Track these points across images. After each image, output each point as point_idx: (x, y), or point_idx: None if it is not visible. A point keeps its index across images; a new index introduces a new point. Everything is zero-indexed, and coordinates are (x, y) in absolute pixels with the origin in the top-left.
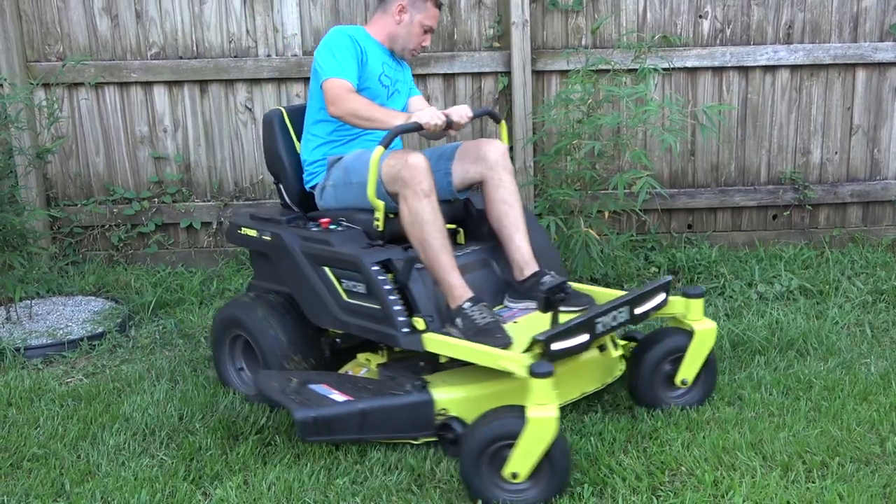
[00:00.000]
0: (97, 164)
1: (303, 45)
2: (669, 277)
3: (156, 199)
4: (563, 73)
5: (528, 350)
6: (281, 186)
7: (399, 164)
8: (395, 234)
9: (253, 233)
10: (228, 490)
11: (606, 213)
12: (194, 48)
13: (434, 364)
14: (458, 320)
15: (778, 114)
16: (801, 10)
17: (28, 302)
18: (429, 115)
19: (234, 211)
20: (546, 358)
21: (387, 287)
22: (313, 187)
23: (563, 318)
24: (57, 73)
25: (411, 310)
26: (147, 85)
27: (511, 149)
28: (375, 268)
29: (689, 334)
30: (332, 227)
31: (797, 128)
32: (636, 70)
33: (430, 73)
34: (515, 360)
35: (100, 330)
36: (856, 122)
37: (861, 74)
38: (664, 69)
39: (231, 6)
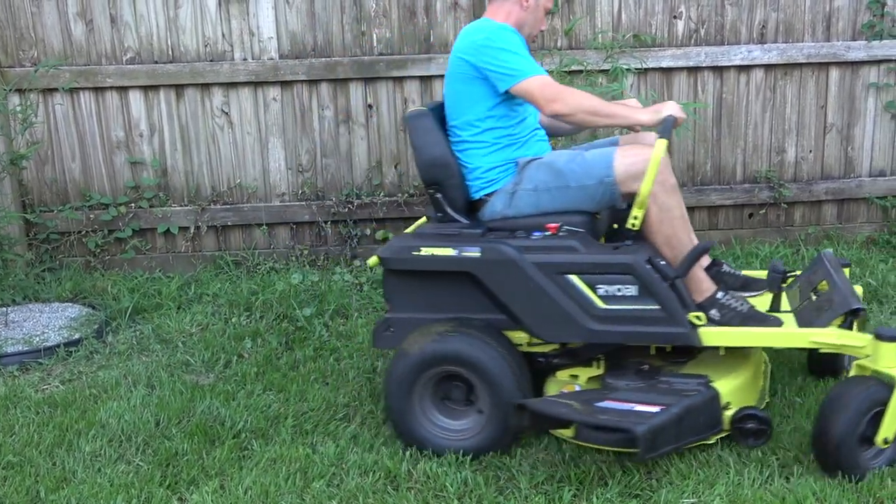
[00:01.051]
0: (73, 170)
1: (279, 48)
2: (829, 250)
3: (132, 205)
4: None
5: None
6: (440, 196)
7: (641, 159)
8: (601, 234)
9: (447, 252)
10: (205, 495)
11: None
12: (170, 52)
13: (652, 364)
14: (714, 311)
15: (752, 113)
16: (775, 10)
17: (4, 309)
18: (677, 108)
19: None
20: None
21: (664, 285)
22: (489, 194)
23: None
24: (30, 79)
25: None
26: (122, 90)
27: None
28: (648, 267)
29: None
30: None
31: (772, 126)
32: (609, 70)
33: (407, 75)
34: (846, 335)
35: (76, 336)
36: (830, 121)
37: (834, 73)
38: (637, 69)
39: (206, 10)
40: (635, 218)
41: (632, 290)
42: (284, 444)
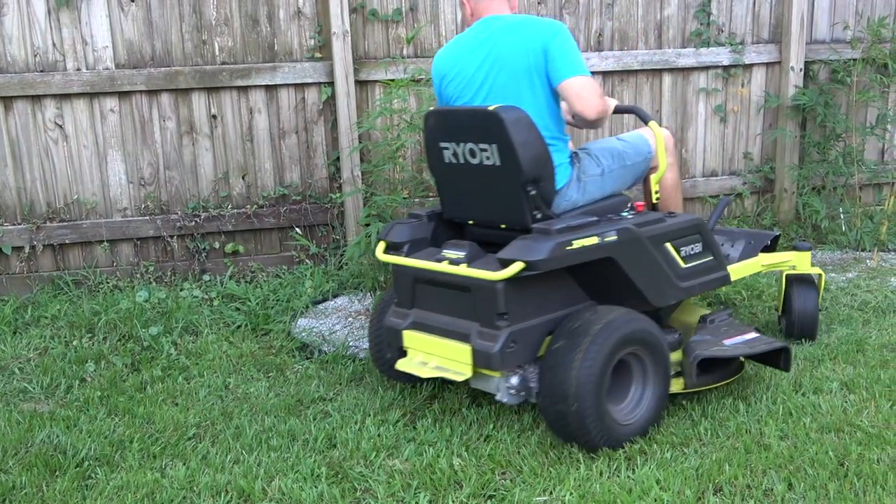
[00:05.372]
0: None
1: (115, 58)
2: None
3: None
4: (388, 82)
5: None
6: (538, 193)
7: (662, 136)
8: None
9: (592, 241)
10: None
11: None
12: None
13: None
14: None
15: None
16: (610, 19)
17: None
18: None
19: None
20: None
21: (713, 238)
22: (561, 187)
23: None
24: None
25: None
26: None
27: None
28: None
29: None
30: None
31: (611, 131)
32: None
33: (252, 84)
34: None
35: None
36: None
37: (667, 79)
38: None
39: (35, 18)
40: (657, 192)
41: (698, 247)
42: (131, 469)
